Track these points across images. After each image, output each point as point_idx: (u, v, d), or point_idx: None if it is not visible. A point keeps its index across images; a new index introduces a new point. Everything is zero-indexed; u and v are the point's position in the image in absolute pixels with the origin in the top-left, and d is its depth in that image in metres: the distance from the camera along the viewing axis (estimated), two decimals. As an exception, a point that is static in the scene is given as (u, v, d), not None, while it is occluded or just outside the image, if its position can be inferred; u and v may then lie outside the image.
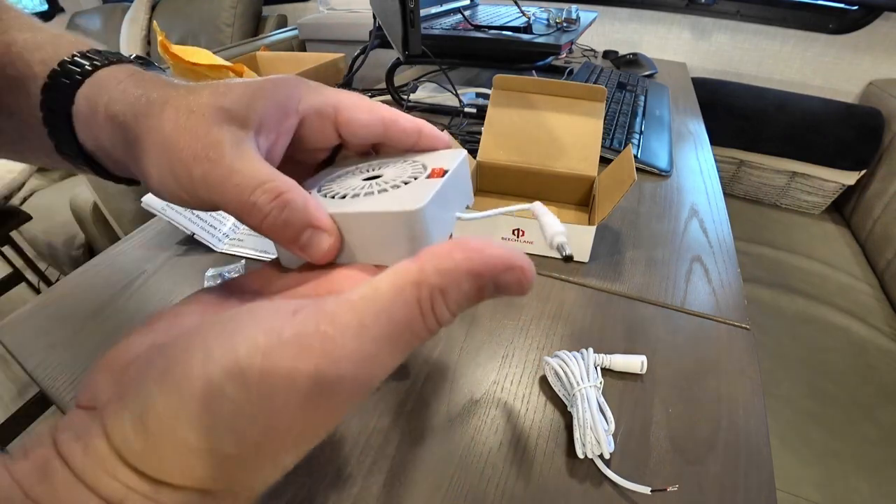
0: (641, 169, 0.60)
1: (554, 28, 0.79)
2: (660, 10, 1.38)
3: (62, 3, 2.53)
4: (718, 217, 0.51)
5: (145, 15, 2.05)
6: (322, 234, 0.19)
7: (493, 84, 0.50)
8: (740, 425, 0.29)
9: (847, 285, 0.94)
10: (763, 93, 1.23)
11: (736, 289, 0.40)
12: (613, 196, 0.38)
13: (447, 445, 0.28)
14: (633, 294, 0.39)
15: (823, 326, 0.82)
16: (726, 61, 1.38)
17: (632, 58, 1.08)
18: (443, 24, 0.81)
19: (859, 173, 1.14)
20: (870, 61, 1.21)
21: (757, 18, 1.28)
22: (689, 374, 0.32)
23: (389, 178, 0.21)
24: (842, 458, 0.62)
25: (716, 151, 1.15)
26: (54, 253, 1.21)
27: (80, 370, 0.33)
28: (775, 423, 0.66)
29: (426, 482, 0.26)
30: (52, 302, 0.39)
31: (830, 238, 1.11)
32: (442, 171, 0.21)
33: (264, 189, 0.18)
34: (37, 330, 0.37)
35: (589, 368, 0.29)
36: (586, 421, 0.26)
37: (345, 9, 1.68)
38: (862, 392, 0.71)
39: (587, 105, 0.48)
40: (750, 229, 1.12)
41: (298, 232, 0.19)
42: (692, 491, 0.26)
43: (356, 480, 0.26)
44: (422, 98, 0.79)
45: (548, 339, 0.35)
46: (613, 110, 0.72)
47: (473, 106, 0.73)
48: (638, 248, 0.45)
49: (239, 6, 1.86)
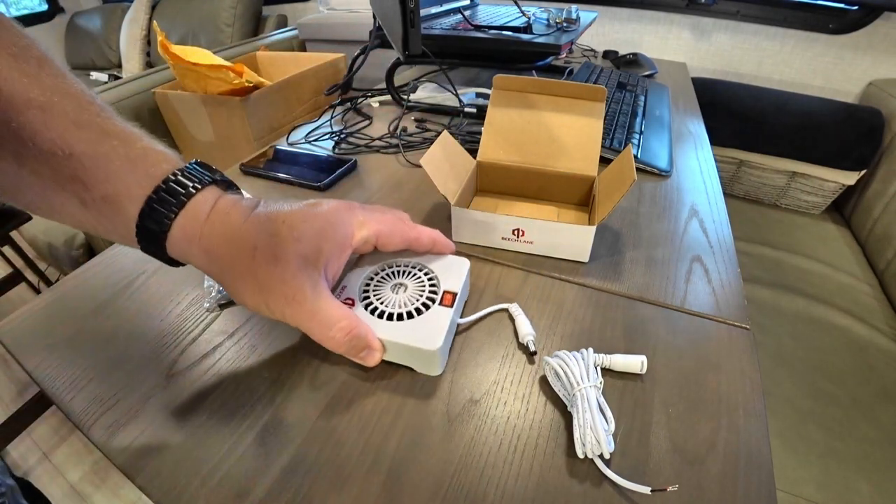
0: (641, 169, 0.60)
1: (554, 28, 0.79)
2: (660, 10, 1.38)
3: (62, 3, 2.53)
4: (718, 217, 0.51)
5: (145, 15, 2.05)
6: (375, 353, 0.30)
7: (493, 84, 0.50)
8: (740, 425, 0.29)
9: (847, 285, 0.94)
10: (763, 93, 1.23)
11: (736, 289, 0.40)
12: (613, 196, 0.38)
13: (447, 445, 0.28)
14: (633, 294, 0.39)
15: (823, 326, 0.82)
16: (726, 61, 1.38)
17: (632, 58, 1.08)
18: (443, 24, 0.81)
19: (859, 173, 1.14)
20: (870, 61, 1.21)
21: (757, 18, 1.28)
22: (689, 374, 0.32)
23: (413, 295, 0.32)
24: (842, 458, 0.62)
25: (716, 151, 1.15)
26: (54, 253, 1.21)
27: (80, 370, 0.33)
28: (775, 423, 0.66)
29: (426, 482, 0.26)
30: (52, 302, 0.39)
31: (830, 238, 1.11)
32: (451, 299, 0.32)
33: (340, 328, 0.28)
34: (37, 330, 0.37)
35: (589, 368, 0.29)
36: (586, 421, 0.26)
37: (345, 9, 1.68)
38: (862, 392, 0.71)
39: (587, 105, 0.48)
40: (750, 229, 1.12)
41: (360, 351, 0.29)
42: (692, 491, 0.26)
43: (356, 480, 0.26)
44: (422, 98, 0.79)
45: (548, 339, 0.35)
46: (613, 110, 0.72)
47: (473, 106, 0.73)
48: (638, 248, 0.45)
49: (239, 6, 1.86)
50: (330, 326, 0.27)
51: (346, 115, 0.77)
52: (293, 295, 0.26)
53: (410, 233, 0.33)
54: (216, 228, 0.26)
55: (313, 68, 1.35)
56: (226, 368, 0.32)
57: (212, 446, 0.27)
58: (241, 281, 0.26)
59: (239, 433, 0.28)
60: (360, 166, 0.61)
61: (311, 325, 0.27)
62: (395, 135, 0.68)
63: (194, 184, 0.26)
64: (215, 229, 0.26)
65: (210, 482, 0.26)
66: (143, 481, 0.26)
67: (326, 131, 0.71)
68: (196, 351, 0.34)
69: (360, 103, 0.81)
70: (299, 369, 0.32)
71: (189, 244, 0.26)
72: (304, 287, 0.26)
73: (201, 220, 0.26)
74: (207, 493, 0.25)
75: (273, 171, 0.58)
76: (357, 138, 0.68)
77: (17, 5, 2.41)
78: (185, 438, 0.28)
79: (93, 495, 1.06)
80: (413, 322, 0.30)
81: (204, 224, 0.26)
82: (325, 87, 0.89)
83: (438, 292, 0.32)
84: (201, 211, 0.26)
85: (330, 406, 0.30)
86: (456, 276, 0.33)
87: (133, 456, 0.27)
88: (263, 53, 1.52)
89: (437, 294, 0.32)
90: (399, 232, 0.32)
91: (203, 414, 0.29)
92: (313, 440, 0.28)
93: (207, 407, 0.30)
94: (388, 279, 0.33)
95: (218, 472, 0.26)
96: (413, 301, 0.31)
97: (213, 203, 0.26)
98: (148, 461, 0.27)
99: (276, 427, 0.29)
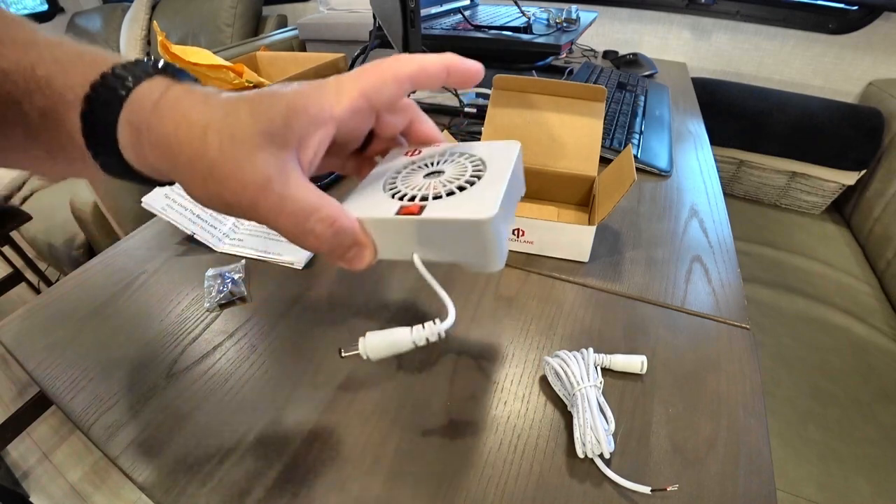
0: (641, 169, 0.60)
1: (554, 28, 0.79)
2: (660, 10, 1.38)
3: (62, 3, 2.53)
4: (718, 217, 0.51)
5: (145, 15, 2.05)
6: (364, 251, 0.23)
7: (493, 84, 0.50)
8: (740, 425, 0.29)
9: (847, 285, 0.94)
10: (763, 93, 1.23)
11: (736, 289, 0.40)
12: (613, 196, 0.38)
13: (447, 445, 0.28)
14: (633, 294, 0.39)
15: (823, 326, 0.82)
16: (726, 61, 1.38)
17: (632, 58, 1.08)
18: (443, 24, 0.81)
19: (859, 173, 1.14)
20: (870, 61, 1.21)
21: (757, 18, 1.28)
22: (689, 374, 0.32)
23: (452, 177, 0.23)
24: (842, 458, 0.62)
25: (716, 151, 1.15)
26: (54, 253, 1.21)
27: (80, 370, 0.33)
28: (775, 423, 0.66)
29: (426, 482, 0.26)
30: (52, 302, 0.39)
31: (830, 238, 1.11)
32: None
33: (319, 217, 0.21)
34: (37, 330, 0.37)
35: (589, 368, 0.29)
36: (586, 421, 0.26)
37: (345, 9, 1.68)
38: (862, 392, 0.71)
39: (587, 105, 0.48)
40: (750, 229, 1.12)
41: (346, 250, 0.22)
42: (692, 491, 0.26)
43: (356, 480, 0.26)
44: (422, 98, 0.79)
45: (548, 339, 0.35)
46: (613, 110, 0.72)
47: (473, 106, 0.73)
48: (638, 248, 0.45)
49: (239, 6, 1.86)
50: (307, 217, 0.21)
51: (346, 115, 0.77)
52: (254, 180, 0.20)
53: (406, 67, 0.24)
54: (165, 115, 0.21)
55: (313, 68, 1.35)
56: (226, 368, 0.32)
57: (212, 446, 0.27)
58: (189, 169, 0.21)
59: (239, 433, 0.28)
60: (360, 166, 0.61)
61: (281, 218, 0.21)
62: (395, 135, 0.68)
63: (138, 74, 0.22)
64: (165, 117, 0.21)
65: (210, 482, 0.26)
66: (143, 481, 0.26)
67: (326, 131, 0.70)
68: (196, 351, 0.34)
69: (360, 103, 0.80)
70: (299, 369, 0.32)
71: (139, 140, 0.21)
72: (267, 167, 0.20)
73: (147, 109, 0.21)
74: (207, 493, 0.25)
75: (273, 171, 0.58)
76: (357, 138, 0.68)
77: (17, 5, 2.41)
78: (186, 438, 0.28)
79: (93, 495, 1.06)
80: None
81: (151, 114, 0.21)
82: (325, 87, 0.88)
83: (485, 171, 0.24)
84: (148, 100, 0.21)
85: (330, 406, 0.30)
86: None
87: (133, 456, 0.27)
88: (263, 53, 1.52)
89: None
90: (390, 73, 0.24)
91: (203, 414, 0.29)
92: (313, 440, 0.28)
93: (208, 407, 0.30)
94: (420, 169, 0.25)
95: (218, 472, 0.26)
96: (453, 181, 0.23)
97: (163, 91, 0.22)
98: (148, 461, 0.27)
99: (276, 427, 0.29)
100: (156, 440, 0.28)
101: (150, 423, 0.29)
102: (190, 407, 0.30)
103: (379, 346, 0.22)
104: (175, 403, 0.30)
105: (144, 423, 0.29)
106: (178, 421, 0.29)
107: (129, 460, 0.27)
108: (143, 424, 0.29)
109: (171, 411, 0.30)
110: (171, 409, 0.30)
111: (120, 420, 0.29)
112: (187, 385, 0.31)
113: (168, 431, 0.28)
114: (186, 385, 0.31)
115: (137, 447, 0.28)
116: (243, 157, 0.20)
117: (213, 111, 0.21)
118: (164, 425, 0.29)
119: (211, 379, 0.32)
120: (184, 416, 0.29)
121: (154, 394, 0.31)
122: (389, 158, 0.27)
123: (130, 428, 0.29)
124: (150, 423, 0.29)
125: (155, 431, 0.29)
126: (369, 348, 0.22)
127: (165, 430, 0.29)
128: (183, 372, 0.32)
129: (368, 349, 0.22)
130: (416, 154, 0.26)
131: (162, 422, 0.29)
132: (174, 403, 0.30)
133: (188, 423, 0.29)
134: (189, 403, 0.30)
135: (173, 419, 0.29)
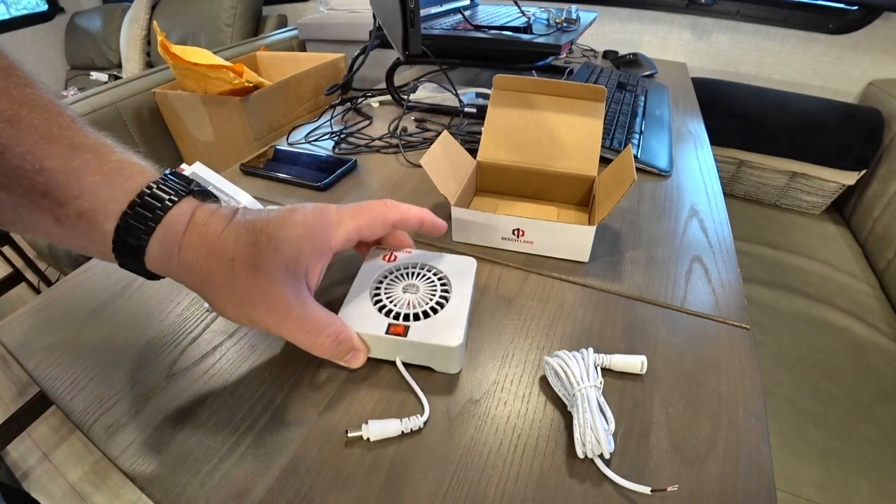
0: (641, 169, 0.60)
1: (554, 28, 0.79)
2: (660, 10, 1.38)
3: (62, 3, 2.53)
4: (718, 217, 0.51)
5: (145, 15, 2.05)
6: (360, 354, 0.30)
7: (493, 84, 0.50)
8: (740, 425, 0.29)
9: (847, 285, 0.94)
10: (763, 93, 1.23)
11: (736, 289, 0.40)
12: (613, 196, 0.38)
13: (447, 445, 0.28)
14: (633, 294, 0.39)
15: (823, 326, 0.82)
16: (726, 61, 1.38)
17: (632, 58, 1.08)
18: (443, 24, 0.81)
19: (859, 173, 1.14)
20: (870, 61, 1.21)
21: (757, 18, 1.29)
22: (689, 374, 0.32)
23: (425, 296, 0.33)
24: (842, 458, 0.62)
25: (716, 151, 1.15)
26: (54, 253, 1.21)
27: (80, 370, 0.33)
28: (775, 423, 0.66)
29: (426, 482, 0.26)
30: (52, 302, 0.39)
31: (830, 238, 1.11)
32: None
33: (328, 334, 0.28)
34: (37, 330, 0.37)
35: (589, 368, 0.29)
36: (586, 421, 0.26)
37: (345, 9, 1.68)
38: (862, 392, 0.71)
39: (587, 105, 0.48)
40: (750, 229, 1.12)
41: (346, 354, 0.29)
42: (692, 491, 0.26)
43: (356, 480, 0.26)
44: (422, 98, 0.79)
45: (548, 339, 0.35)
46: (613, 110, 0.72)
47: (473, 106, 0.73)
48: (638, 248, 0.45)
49: (239, 6, 1.86)
50: (318, 333, 0.27)
51: (346, 115, 0.77)
52: (276, 305, 0.26)
53: (392, 215, 0.32)
54: (194, 240, 0.25)
55: (313, 68, 1.35)
56: (226, 368, 0.32)
57: (212, 446, 0.27)
58: (221, 293, 0.26)
59: (239, 433, 0.28)
60: (360, 166, 0.61)
61: (298, 334, 0.27)
62: (396, 135, 0.68)
63: (170, 196, 0.25)
64: (193, 241, 0.25)
65: (210, 482, 0.26)
66: (143, 481, 0.26)
67: (326, 131, 0.71)
68: (196, 351, 0.34)
69: (360, 103, 0.81)
70: (299, 369, 0.32)
71: (168, 258, 0.25)
72: (288, 296, 0.26)
73: (179, 233, 0.25)
74: (207, 493, 0.25)
75: (273, 172, 0.58)
76: (357, 138, 0.68)
77: (17, 5, 2.41)
78: (185, 438, 0.28)
79: (93, 495, 1.06)
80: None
81: (182, 237, 0.25)
82: (325, 87, 0.88)
83: (451, 292, 0.33)
84: (179, 223, 0.25)
85: (330, 406, 0.30)
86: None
87: (133, 456, 0.27)
88: (263, 53, 1.52)
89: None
90: (380, 218, 0.32)
91: (203, 414, 0.29)
92: (313, 440, 0.28)
93: (207, 407, 0.30)
94: (399, 280, 0.34)
95: (218, 472, 0.26)
96: (426, 301, 0.32)
97: (191, 214, 0.26)
98: (148, 461, 0.27)
99: (276, 427, 0.29)
100: (156, 440, 0.28)
101: (150, 423, 0.29)
102: (190, 407, 0.30)
103: (377, 431, 0.27)
104: (175, 403, 0.30)
105: (144, 423, 0.29)
106: (178, 421, 0.29)
107: (129, 460, 0.27)
108: (143, 424, 0.29)
109: (171, 411, 0.30)
110: (171, 409, 0.30)
111: (120, 420, 0.29)
112: (187, 385, 0.31)
113: (168, 431, 0.28)
114: (186, 385, 0.31)
115: (137, 447, 0.28)
116: (268, 288, 0.26)
117: (237, 243, 0.26)
118: (164, 425, 0.29)
119: (211, 379, 0.32)
120: (184, 416, 0.29)
121: (154, 394, 0.31)
122: (370, 257, 0.36)
123: (130, 428, 0.29)
124: (150, 423, 0.29)
125: (155, 431, 0.29)
126: (371, 432, 0.27)
127: (165, 430, 0.29)
128: (183, 372, 0.32)
129: (371, 433, 0.27)
130: (392, 260, 0.35)
131: (162, 422, 0.29)
132: (174, 403, 0.30)
133: (188, 423, 0.29)
134: (189, 403, 0.30)
135: (173, 419, 0.29)
